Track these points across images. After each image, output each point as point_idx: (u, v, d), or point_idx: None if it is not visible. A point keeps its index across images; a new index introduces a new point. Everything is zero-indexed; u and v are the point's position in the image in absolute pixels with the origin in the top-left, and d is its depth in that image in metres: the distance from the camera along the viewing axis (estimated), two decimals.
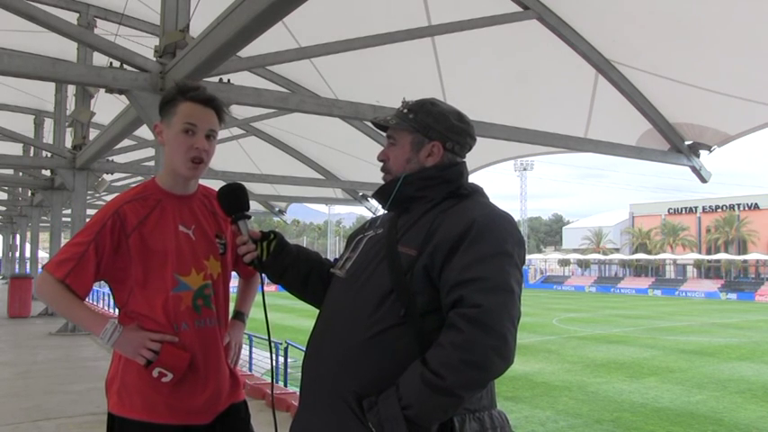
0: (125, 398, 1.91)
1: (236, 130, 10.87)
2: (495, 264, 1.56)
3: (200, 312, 1.96)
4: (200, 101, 1.96)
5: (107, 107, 9.57)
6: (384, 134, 1.87)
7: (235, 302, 2.21)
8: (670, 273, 60.88)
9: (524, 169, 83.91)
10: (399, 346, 1.58)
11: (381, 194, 1.81)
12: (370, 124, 8.65)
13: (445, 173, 1.76)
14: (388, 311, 1.60)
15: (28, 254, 20.38)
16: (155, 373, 1.86)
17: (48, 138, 14.24)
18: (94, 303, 17.93)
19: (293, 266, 1.92)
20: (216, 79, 5.28)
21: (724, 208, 59.93)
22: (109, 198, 16.93)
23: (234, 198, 1.95)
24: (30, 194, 17.30)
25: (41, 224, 18.97)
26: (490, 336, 1.48)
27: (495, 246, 1.59)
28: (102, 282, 2.00)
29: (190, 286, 1.95)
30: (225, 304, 2.07)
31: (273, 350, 2.19)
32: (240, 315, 2.22)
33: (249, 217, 1.94)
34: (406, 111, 1.79)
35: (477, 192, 1.78)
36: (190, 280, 1.95)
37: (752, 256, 54.22)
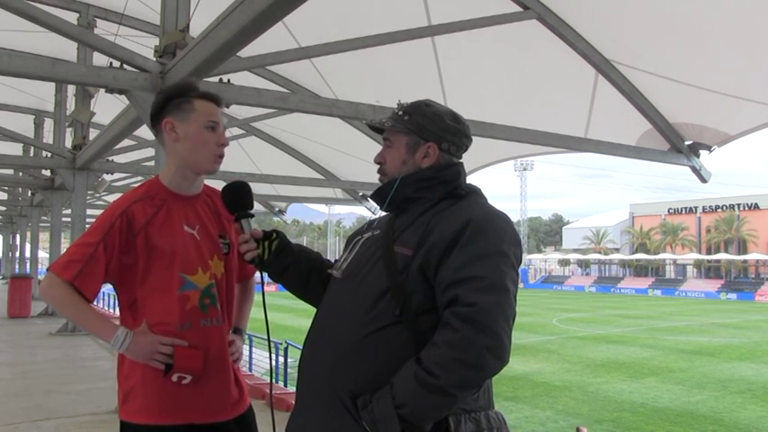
0: (130, 402, 1.90)
1: (236, 130, 10.86)
2: (490, 263, 1.56)
3: (207, 311, 1.96)
4: (213, 99, 2.03)
5: (107, 107, 9.57)
6: (381, 136, 1.88)
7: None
8: (670, 273, 60.92)
9: (524, 169, 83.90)
10: (394, 345, 1.58)
11: (378, 196, 1.81)
12: None
13: (442, 174, 1.76)
14: (383, 311, 1.60)
15: (28, 254, 20.37)
16: (174, 378, 1.87)
17: (48, 138, 14.23)
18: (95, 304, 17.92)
19: (294, 266, 1.91)
20: (216, 79, 5.28)
21: (724, 208, 59.96)
22: (109, 198, 16.99)
23: (237, 196, 1.95)
24: (30, 194, 17.28)
25: (41, 224, 18.94)
26: (485, 335, 1.48)
27: (491, 245, 1.59)
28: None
29: (197, 285, 1.94)
30: (229, 304, 2.07)
31: (273, 350, 2.19)
32: (238, 331, 2.16)
33: (252, 215, 1.94)
34: (401, 113, 1.80)
35: (474, 192, 1.78)
36: (197, 279, 1.95)
37: (752, 256, 54.26)
